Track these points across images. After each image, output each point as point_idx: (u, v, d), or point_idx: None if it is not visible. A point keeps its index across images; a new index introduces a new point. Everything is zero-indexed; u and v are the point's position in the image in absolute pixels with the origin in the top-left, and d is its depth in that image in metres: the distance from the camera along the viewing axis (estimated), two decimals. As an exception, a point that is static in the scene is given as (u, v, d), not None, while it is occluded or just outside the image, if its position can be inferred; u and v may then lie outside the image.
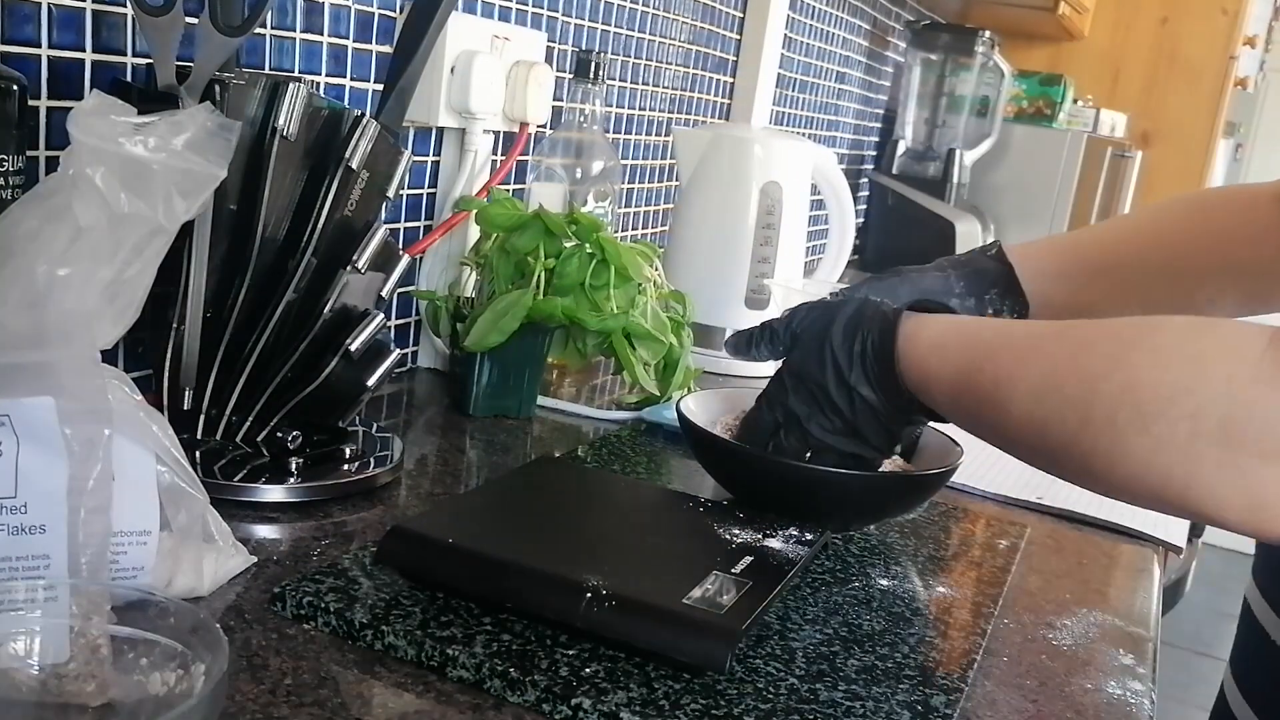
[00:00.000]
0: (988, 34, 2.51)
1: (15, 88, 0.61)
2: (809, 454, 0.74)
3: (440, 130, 1.08)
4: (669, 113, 1.57)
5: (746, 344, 0.78)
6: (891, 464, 0.84)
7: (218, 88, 0.69)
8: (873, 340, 0.70)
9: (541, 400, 1.03)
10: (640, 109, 1.49)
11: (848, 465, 0.74)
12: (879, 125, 2.62)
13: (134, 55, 0.76)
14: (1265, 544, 0.80)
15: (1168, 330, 0.55)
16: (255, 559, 0.64)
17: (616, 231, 1.30)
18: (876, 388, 0.70)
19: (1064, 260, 0.87)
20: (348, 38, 0.95)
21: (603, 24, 1.33)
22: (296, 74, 0.90)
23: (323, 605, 0.58)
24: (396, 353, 0.81)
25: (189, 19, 0.69)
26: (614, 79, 1.40)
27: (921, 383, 0.68)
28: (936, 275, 0.87)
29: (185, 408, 0.75)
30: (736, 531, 0.68)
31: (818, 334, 0.73)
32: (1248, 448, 0.50)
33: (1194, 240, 0.86)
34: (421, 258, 1.08)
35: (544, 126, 1.21)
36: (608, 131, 1.40)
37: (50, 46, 0.71)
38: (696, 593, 0.59)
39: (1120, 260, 0.87)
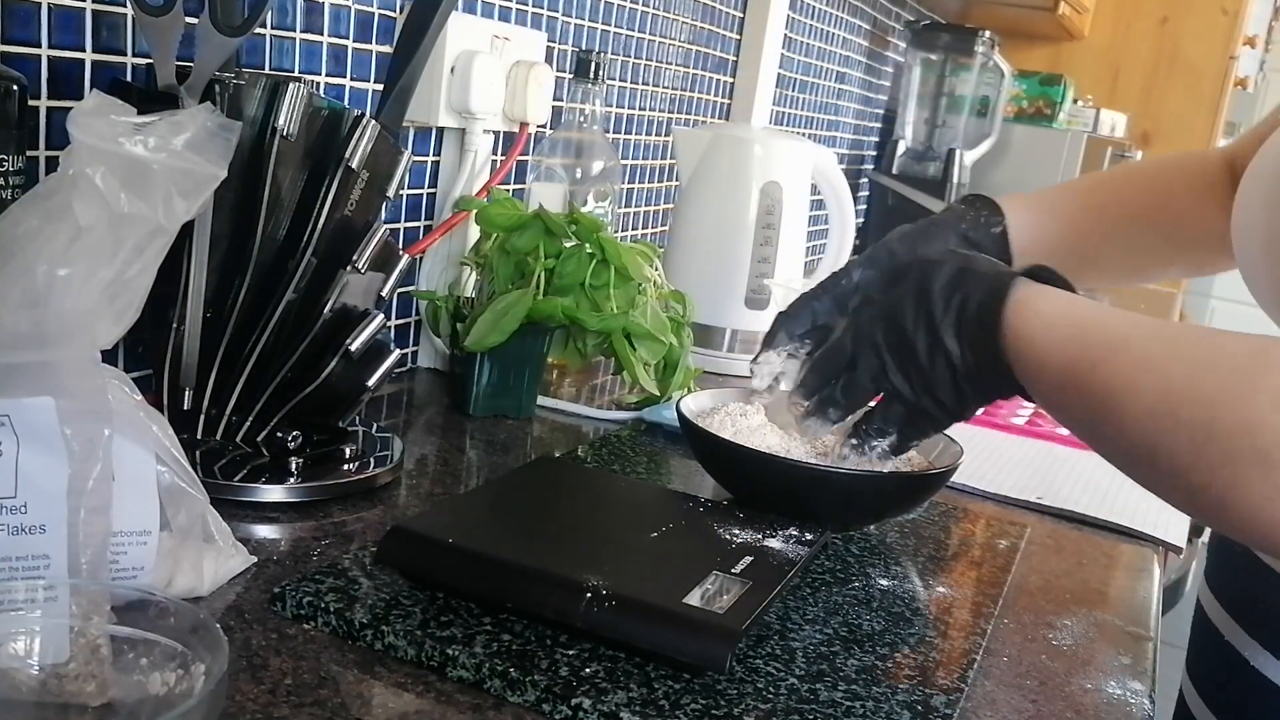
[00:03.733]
0: (988, 34, 2.51)
1: (15, 88, 0.61)
2: (877, 400, 0.71)
3: (440, 130, 1.08)
4: (669, 113, 1.57)
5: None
6: (891, 463, 0.84)
7: (218, 88, 0.69)
8: (978, 297, 0.64)
9: (541, 400, 1.03)
10: (640, 109, 1.49)
11: (916, 422, 0.71)
12: (879, 125, 2.62)
13: (134, 55, 0.76)
14: (1218, 547, 0.80)
15: None
16: (255, 559, 0.64)
17: (616, 231, 1.30)
18: (966, 345, 0.65)
19: (1055, 217, 0.88)
20: (348, 38, 0.95)
21: (603, 24, 1.33)
22: (296, 74, 0.90)
23: (323, 605, 0.58)
24: (396, 353, 0.81)
25: (189, 19, 0.69)
26: (614, 79, 1.40)
27: (1022, 359, 0.62)
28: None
29: (185, 408, 0.75)
30: (736, 531, 0.68)
31: (919, 277, 0.67)
32: None
33: (1155, 211, 0.87)
34: (421, 258, 1.08)
35: (544, 126, 1.21)
36: (608, 131, 1.40)
37: (50, 46, 0.71)
38: (696, 593, 0.59)
39: (1098, 221, 0.88)
